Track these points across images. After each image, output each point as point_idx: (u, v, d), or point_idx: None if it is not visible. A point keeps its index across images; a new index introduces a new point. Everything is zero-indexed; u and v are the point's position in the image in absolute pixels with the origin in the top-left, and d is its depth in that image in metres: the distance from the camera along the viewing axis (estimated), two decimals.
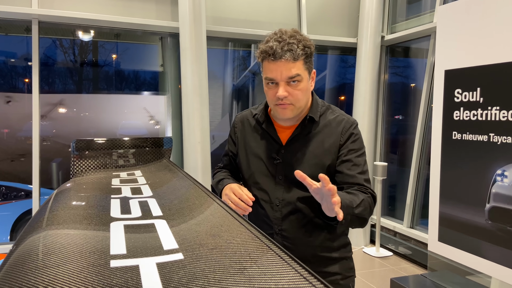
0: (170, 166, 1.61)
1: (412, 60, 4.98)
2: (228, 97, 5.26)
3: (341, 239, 1.42)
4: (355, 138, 1.36)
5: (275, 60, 1.24)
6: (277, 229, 1.40)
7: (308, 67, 1.31)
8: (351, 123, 1.39)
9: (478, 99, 2.23)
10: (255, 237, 0.70)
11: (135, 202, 1.00)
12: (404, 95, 5.05)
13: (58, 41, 4.51)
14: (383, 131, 4.95)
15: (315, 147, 1.36)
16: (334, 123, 1.39)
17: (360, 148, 1.37)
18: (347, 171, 1.33)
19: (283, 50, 1.23)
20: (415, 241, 4.11)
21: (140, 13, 3.99)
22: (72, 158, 1.72)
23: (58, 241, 0.70)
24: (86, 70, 4.85)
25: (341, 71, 5.55)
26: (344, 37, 4.80)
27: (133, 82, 5.22)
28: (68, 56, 4.68)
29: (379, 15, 4.54)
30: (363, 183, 1.32)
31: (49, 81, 4.87)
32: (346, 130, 1.37)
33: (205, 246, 0.69)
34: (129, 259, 0.63)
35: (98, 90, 5.11)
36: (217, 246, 0.68)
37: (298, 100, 1.30)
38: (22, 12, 3.56)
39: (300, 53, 1.24)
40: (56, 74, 4.85)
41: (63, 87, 4.95)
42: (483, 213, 2.21)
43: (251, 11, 4.47)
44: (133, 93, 5.31)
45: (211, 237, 0.74)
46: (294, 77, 1.26)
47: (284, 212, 1.38)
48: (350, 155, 1.34)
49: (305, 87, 1.30)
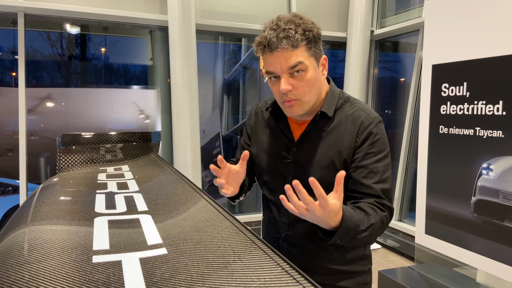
0: (157, 161, 1.61)
1: (401, 54, 5.01)
2: (219, 91, 5.24)
3: (355, 252, 1.27)
4: (374, 139, 1.16)
5: (272, 51, 1.09)
6: (283, 235, 1.29)
7: (314, 53, 1.13)
8: (370, 120, 1.18)
9: (464, 93, 2.25)
10: (239, 232, 0.71)
11: (120, 197, 0.99)
12: (393, 89, 5.09)
13: (46, 34, 4.44)
14: None
15: (327, 147, 1.19)
16: (350, 119, 1.19)
17: (380, 151, 1.16)
18: (361, 179, 1.15)
19: (279, 38, 1.07)
20: (403, 234, 4.16)
21: (128, 6, 3.94)
22: (58, 152, 1.71)
23: (40, 236, 0.70)
24: (74, 63, 4.79)
25: (331, 65, 5.55)
26: (333, 32, 4.81)
27: (123, 76, 5.16)
28: (56, 49, 4.61)
29: (368, 10, 4.55)
30: (380, 194, 1.13)
31: (36, 75, 4.79)
32: (364, 129, 1.17)
33: (189, 241, 0.69)
34: (111, 255, 0.62)
35: (86, 84, 5.05)
36: (201, 241, 0.68)
37: (304, 93, 1.14)
38: (7, 4, 3.49)
39: (299, 39, 1.08)
40: (43, 67, 4.77)
41: (51, 81, 4.88)
42: (469, 206, 2.25)
43: (241, 4, 4.45)
44: (123, 87, 5.26)
45: (195, 232, 0.74)
46: (295, 66, 1.09)
47: (292, 217, 1.24)
48: (366, 159, 1.15)
49: (312, 77, 1.13)
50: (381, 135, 1.18)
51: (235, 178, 1.21)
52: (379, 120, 1.20)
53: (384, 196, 1.13)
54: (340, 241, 1.04)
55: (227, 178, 1.19)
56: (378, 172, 1.14)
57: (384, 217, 1.11)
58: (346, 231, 1.01)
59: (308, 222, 1.19)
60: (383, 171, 1.15)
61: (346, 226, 1.00)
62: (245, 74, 5.20)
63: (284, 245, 1.30)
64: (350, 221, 1.02)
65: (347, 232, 1.02)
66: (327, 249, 1.24)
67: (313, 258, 1.26)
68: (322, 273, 1.25)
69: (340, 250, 1.24)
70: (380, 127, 1.19)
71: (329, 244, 1.19)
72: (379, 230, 1.10)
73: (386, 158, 1.17)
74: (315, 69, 1.15)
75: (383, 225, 1.11)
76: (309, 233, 1.23)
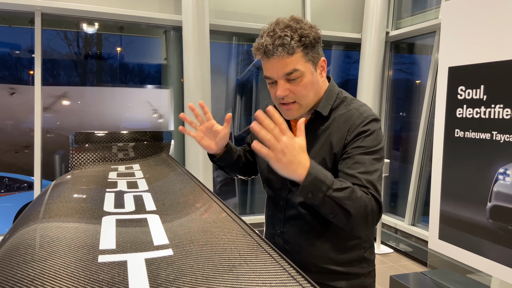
0: (168, 160, 1.61)
1: (417, 56, 4.94)
2: (232, 91, 5.24)
3: (352, 253, 1.25)
4: (366, 135, 1.14)
5: (268, 58, 1.12)
6: (279, 231, 1.31)
7: (312, 58, 1.14)
8: (363, 118, 1.16)
9: (481, 96, 2.20)
10: (247, 235, 0.70)
11: (129, 196, 0.99)
12: (408, 91, 5.02)
13: (64, 33, 4.50)
14: (386, 128, 4.92)
15: (320, 145, 1.20)
16: (343, 118, 1.19)
17: (370, 146, 1.14)
18: (346, 169, 1.12)
19: (275, 46, 1.09)
20: (416, 239, 4.10)
21: (143, 5, 3.97)
22: (71, 150, 1.72)
23: (48, 234, 0.70)
24: (90, 62, 4.84)
25: (346, 66, 5.51)
26: (348, 33, 4.77)
27: (137, 76, 5.21)
28: (73, 48, 4.68)
29: (384, 11, 4.50)
30: (365, 184, 1.08)
31: (54, 73, 4.86)
32: (355, 127, 1.15)
33: (195, 242, 0.68)
34: (117, 255, 0.62)
35: (102, 83, 5.10)
36: (208, 243, 0.68)
37: (302, 96, 1.15)
38: (25, 3, 3.55)
39: (295, 46, 1.09)
40: (60, 66, 4.85)
41: (67, 80, 4.95)
42: (484, 212, 2.19)
43: (255, 5, 4.44)
44: (137, 87, 5.31)
45: (203, 233, 0.73)
46: (291, 73, 1.11)
47: (287, 214, 1.27)
48: (353, 152, 1.13)
49: (308, 81, 1.14)
50: (373, 133, 1.15)
51: (215, 135, 1.28)
52: (372, 119, 1.17)
53: (368, 186, 1.08)
54: (312, 195, 1.01)
55: (208, 133, 1.28)
56: (364, 163, 1.11)
57: (367, 200, 1.05)
58: (315, 180, 1.00)
59: (302, 220, 1.24)
60: (370, 163, 1.12)
61: (314, 173, 1.00)
62: (258, 74, 5.19)
63: (279, 241, 1.31)
64: (319, 171, 1.02)
65: (316, 183, 1.00)
66: (321, 248, 1.24)
67: (306, 256, 1.26)
68: (315, 271, 1.24)
69: (335, 250, 1.24)
70: (373, 125, 1.16)
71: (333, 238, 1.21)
72: (362, 209, 1.04)
73: (375, 153, 1.14)
74: (312, 74, 1.16)
75: (366, 208, 1.04)
76: (303, 230, 1.25)
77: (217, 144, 1.30)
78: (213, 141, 1.30)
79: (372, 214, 1.06)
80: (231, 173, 1.46)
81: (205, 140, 1.29)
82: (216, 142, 1.30)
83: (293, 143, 0.97)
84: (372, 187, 1.09)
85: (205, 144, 1.29)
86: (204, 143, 1.29)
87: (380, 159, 1.16)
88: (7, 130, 6.04)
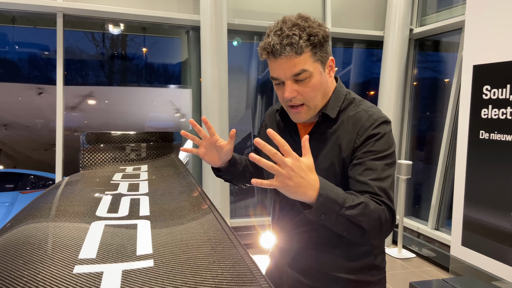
0: (175, 162, 1.58)
1: (443, 54, 4.77)
2: (253, 91, 5.22)
3: (362, 261, 1.19)
4: (376, 139, 1.09)
5: (276, 58, 1.07)
6: (286, 238, 1.26)
7: (320, 58, 1.10)
8: (372, 121, 1.11)
9: (507, 96, 2.09)
10: (239, 257, 0.64)
11: (126, 200, 0.97)
12: (433, 91, 4.85)
13: (91, 35, 4.58)
14: (409, 128, 4.77)
15: (328, 149, 1.15)
16: (352, 120, 1.14)
17: (381, 150, 1.08)
18: (357, 176, 1.07)
19: (282, 45, 1.05)
20: (439, 244, 3.95)
21: (162, 6, 3.99)
22: (81, 150, 1.73)
23: (29, 240, 0.68)
24: (114, 63, 4.92)
25: (370, 65, 5.38)
26: (370, 30, 4.65)
27: (162, 75, 5.26)
28: (100, 49, 4.76)
29: (407, 7, 4.36)
30: (377, 191, 1.03)
31: (82, 73, 4.97)
32: (364, 130, 1.10)
33: (181, 255, 0.64)
34: (95, 265, 0.59)
35: (127, 83, 5.18)
36: (193, 258, 0.64)
37: (310, 98, 1.11)
38: (46, 5, 3.62)
39: (303, 45, 1.05)
40: (88, 66, 4.94)
41: (94, 79, 5.05)
42: (509, 218, 2.08)
43: (274, 3, 4.39)
44: (161, 86, 5.36)
45: (190, 246, 0.69)
46: (299, 74, 1.07)
47: (294, 219, 1.23)
48: (364, 157, 1.08)
49: (317, 82, 1.10)
50: (384, 136, 1.10)
51: (219, 151, 1.25)
52: (382, 121, 1.12)
53: (379, 193, 1.03)
54: (325, 217, 0.95)
55: (211, 148, 1.25)
56: (376, 169, 1.06)
57: (381, 211, 1.00)
58: (327, 201, 0.94)
59: (309, 226, 1.18)
60: (381, 169, 1.07)
61: (325, 193, 0.93)
62: None
63: (287, 247, 1.27)
64: (330, 190, 0.96)
65: (328, 203, 0.94)
66: (329, 255, 1.19)
67: (314, 263, 1.21)
68: (323, 279, 1.20)
69: (344, 257, 1.19)
70: (383, 128, 1.11)
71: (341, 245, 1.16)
72: (376, 222, 0.99)
73: (386, 158, 1.09)
74: (321, 74, 1.12)
75: (380, 220, 0.99)
76: (311, 237, 1.20)
77: (221, 159, 1.27)
78: (216, 156, 1.26)
79: (386, 224, 1.02)
80: (238, 184, 1.41)
81: (208, 156, 1.26)
82: (219, 157, 1.26)
83: (299, 164, 0.91)
84: (384, 195, 1.04)
85: (208, 159, 1.27)
86: (207, 159, 1.27)
87: (392, 164, 1.10)
88: (36, 128, 6.21)
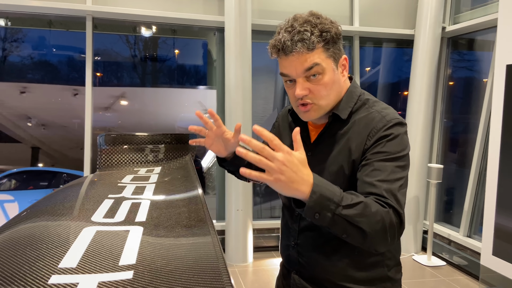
0: (187, 165, 1.57)
1: (478, 53, 4.55)
2: (280, 92, 5.19)
3: (374, 272, 1.14)
4: (388, 139, 1.04)
5: (287, 55, 1.04)
6: (293, 243, 1.22)
7: (333, 54, 1.06)
8: (385, 122, 1.06)
9: None
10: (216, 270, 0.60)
11: (127, 204, 0.95)
12: (467, 91, 4.64)
13: (125, 37, 4.70)
14: (441, 130, 4.59)
15: (338, 151, 1.11)
16: (364, 122, 1.09)
17: (392, 151, 1.02)
18: (364, 177, 1.01)
19: (294, 41, 1.01)
20: (471, 252, 3.76)
21: (188, 8, 4.02)
22: (99, 151, 1.75)
23: (15, 245, 0.67)
24: (146, 64, 5.03)
25: (402, 64, 5.21)
26: (400, 29, 4.50)
27: (193, 76, 5.34)
28: (133, 51, 4.87)
29: (440, 5, 4.18)
30: (383, 193, 0.96)
31: (117, 74, 5.12)
32: (376, 132, 1.05)
33: (163, 268, 0.61)
34: (72, 275, 0.57)
35: (158, 84, 5.29)
36: (175, 272, 0.61)
37: (321, 97, 1.06)
38: (76, 8, 3.72)
39: (316, 41, 1.02)
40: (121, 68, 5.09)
41: (127, 81, 5.19)
42: None
43: (300, 3, 4.33)
44: (191, 87, 5.45)
45: (175, 259, 0.66)
46: (311, 68, 1.02)
47: (302, 224, 1.19)
48: (373, 158, 1.03)
49: (330, 80, 1.06)
50: (396, 136, 1.04)
51: (225, 143, 1.24)
52: (396, 122, 1.06)
53: (387, 196, 0.96)
54: (319, 216, 0.89)
55: (217, 139, 1.24)
56: (384, 170, 1.00)
57: (384, 214, 0.93)
58: (321, 199, 0.88)
59: (317, 232, 1.13)
60: (391, 171, 1.00)
61: (318, 191, 0.87)
62: None
63: (293, 254, 1.22)
64: (324, 187, 0.89)
65: (322, 201, 0.88)
66: (338, 264, 1.13)
67: (322, 271, 1.16)
68: None
69: (354, 267, 1.13)
70: (397, 129, 1.05)
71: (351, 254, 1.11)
72: (379, 225, 0.91)
73: (398, 160, 1.02)
74: (334, 71, 1.07)
75: (383, 224, 0.92)
76: (318, 243, 1.15)
77: (227, 150, 1.26)
78: (222, 147, 1.26)
79: (391, 229, 0.94)
80: (241, 177, 1.38)
81: (214, 146, 1.27)
82: (226, 148, 1.26)
83: (291, 159, 0.85)
84: (391, 198, 0.97)
85: (214, 149, 1.27)
86: (213, 149, 1.27)
87: (405, 167, 1.03)
88: (74, 128, 6.43)
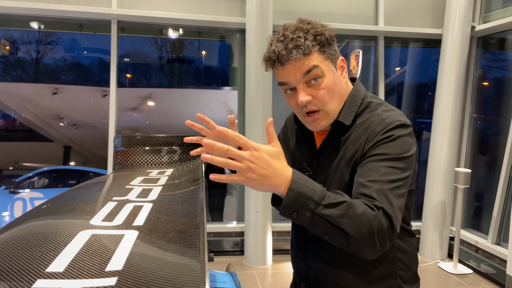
0: (198, 168, 1.57)
1: (509, 53, 4.36)
2: None
3: (385, 283, 1.09)
4: (386, 141, 0.98)
5: (283, 65, 1.01)
6: (300, 254, 1.20)
7: (330, 56, 1.03)
8: (385, 124, 1.00)
9: None
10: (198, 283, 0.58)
11: (129, 207, 0.96)
12: (499, 92, 4.46)
13: (154, 39, 4.80)
14: (470, 133, 4.42)
15: (339, 159, 1.07)
16: (365, 125, 1.04)
17: (391, 153, 0.96)
18: (357, 177, 0.97)
19: (288, 50, 0.99)
20: (499, 260, 3.61)
21: (210, 10, 4.04)
22: (114, 153, 1.77)
23: (8, 247, 0.68)
24: (173, 66, 5.12)
25: (429, 64, 5.06)
26: (427, 28, 4.38)
27: (220, 77, 5.40)
28: (161, 53, 4.97)
29: (469, 3, 4.04)
30: (372, 194, 0.90)
31: (146, 76, 5.25)
32: (374, 135, 1.00)
33: (147, 275, 0.61)
34: (58, 280, 0.57)
35: (184, 85, 5.38)
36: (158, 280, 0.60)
37: (326, 102, 1.03)
38: (101, 12, 3.81)
39: (310, 45, 0.99)
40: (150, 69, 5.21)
41: (156, 82, 5.31)
42: None
43: (323, 3, 4.28)
44: (216, 88, 5.52)
45: (160, 265, 0.65)
46: (310, 70, 0.99)
47: (309, 235, 1.15)
48: (370, 159, 0.98)
49: (331, 82, 1.02)
50: (396, 138, 0.98)
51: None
52: (397, 125, 1.00)
53: (377, 197, 0.90)
54: (297, 215, 0.85)
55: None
56: (378, 171, 0.94)
57: (372, 217, 0.86)
58: (299, 197, 0.84)
59: (324, 244, 1.07)
60: (386, 172, 0.94)
61: (296, 188, 0.84)
62: None
63: (301, 265, 1.19)
64: (303, 185, 0.86)
65: (300, 199, 0.84)
66: (347, 277, 1.08)
67: (331, 285, 1.12)
68: None
69: (364, 279, 1.08)
70: (398, 131, 0.99)
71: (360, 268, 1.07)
72: (365, 228, 0.85)
73: (397, 161, 0.96)
74: (333, 73, 1.04)
75: (370, 227, 0.85)
76: (326, 255, 1.11)
77: None
78: None
79: (380, 233, 0.87)
80: None
81: None
82: None
83: (259, 154, 0.84)
84: (382, 199, 0.90)
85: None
86: None
87: (405, 169, 0.97)
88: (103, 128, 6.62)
